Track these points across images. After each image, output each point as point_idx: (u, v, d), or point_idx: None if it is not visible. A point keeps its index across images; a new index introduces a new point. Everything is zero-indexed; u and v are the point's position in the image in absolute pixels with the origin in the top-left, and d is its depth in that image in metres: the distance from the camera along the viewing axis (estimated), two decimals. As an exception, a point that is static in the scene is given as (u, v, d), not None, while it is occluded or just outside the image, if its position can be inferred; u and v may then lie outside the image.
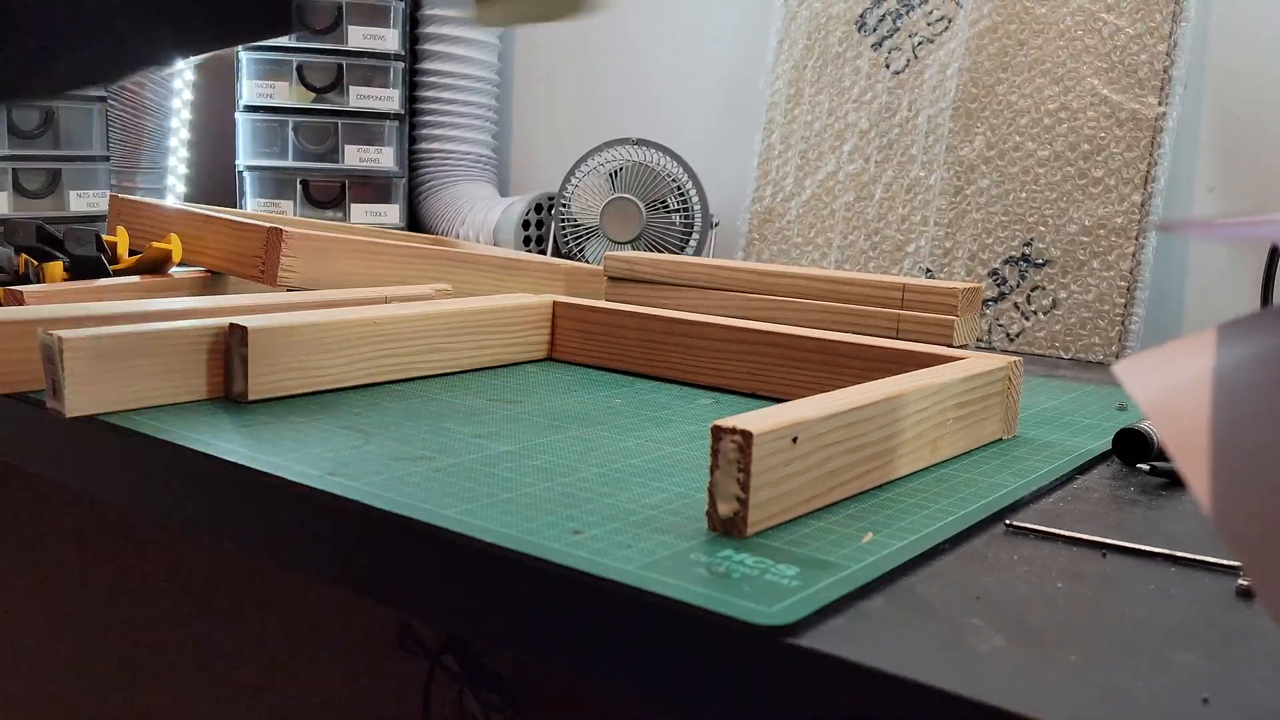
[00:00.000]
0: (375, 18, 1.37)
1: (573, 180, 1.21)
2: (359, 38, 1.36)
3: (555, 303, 0.79)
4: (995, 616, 0.37)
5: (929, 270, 1.02)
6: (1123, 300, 0.92)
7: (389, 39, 1.37)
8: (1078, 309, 0.94)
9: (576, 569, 0.40)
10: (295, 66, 1.35)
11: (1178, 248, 0.99)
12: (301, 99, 1.36)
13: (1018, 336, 0.97)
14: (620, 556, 0.41)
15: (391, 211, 1.41)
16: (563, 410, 0.64)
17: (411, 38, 1.45)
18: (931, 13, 1.05)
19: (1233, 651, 0.35)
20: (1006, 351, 0.94)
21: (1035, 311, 0.96)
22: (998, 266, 0.98)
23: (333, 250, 0.85)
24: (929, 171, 1.03)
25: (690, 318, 0.72)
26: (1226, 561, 0.43)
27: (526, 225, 1.32)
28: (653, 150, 1.19)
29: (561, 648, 0.40)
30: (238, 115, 1.37)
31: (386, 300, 0.77)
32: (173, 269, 0.91)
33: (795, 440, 0.44)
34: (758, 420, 0.43)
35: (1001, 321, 0.97)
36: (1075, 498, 0.52)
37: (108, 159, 1.28)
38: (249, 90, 1.36)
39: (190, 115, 1.42)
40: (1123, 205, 0.93)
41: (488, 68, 1.48)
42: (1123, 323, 0.92)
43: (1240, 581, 0.41)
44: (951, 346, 0.81)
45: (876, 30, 1.08)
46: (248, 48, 1.35)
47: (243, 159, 1.37)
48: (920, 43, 1.06)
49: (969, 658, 0.34)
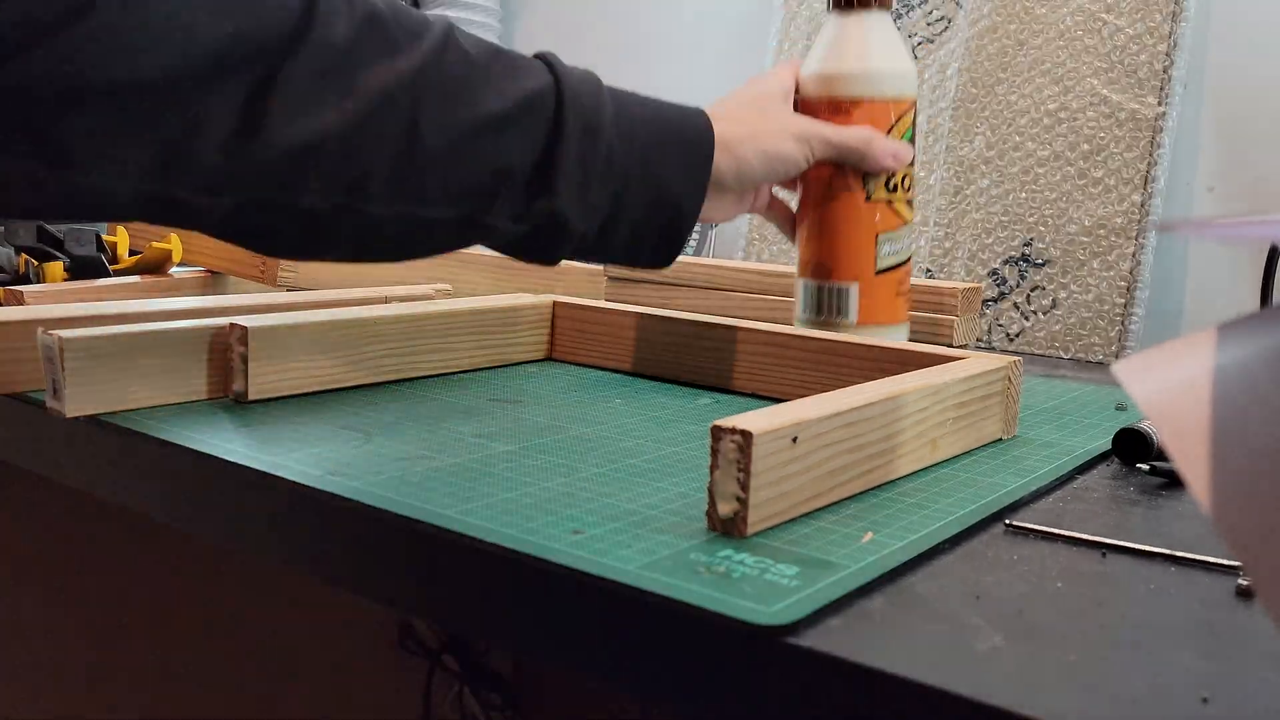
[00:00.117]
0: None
1: (573, 180, 1.21)
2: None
3: (555, 303, 0.79)
4: (995, 616, 0.37)
5: (929, 270, 1.02)
6: (1122, 300, 0.92)
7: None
8: (1077, 309, 0.94)
9: (576, 569, 0.40)
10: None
11: (1178, 248, 0.99)
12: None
13: (1018, 336, 0.97)
14: (620, 556, 0.41)
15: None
16: (563, 410, 0.64)
17: (411, 38, 1.45)
18: (931, 13, 1.06)
19: (1232, 651, 0.35)
20: (1006, 351, 0.94)
21: (1035, 311, 0.96)
22: (997, 266, 0.98)
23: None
24: (929, 171, 1.03)
25: (690, 318, 0.72)
26: (1226, 561, 0.43)
27: (526, 225, 1.32)
28: (653, 150, 1.18)
29: (561, 647, 0.40)
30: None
31: (386, 300, 0.77)
32: (173, 269, 0.91)
33: (795, 440, 0.44)
34: (758, 420, 0.43)
35: (1001, 321, 0.98)
36: (1075, 497, 0.52)
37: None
38: (249, 90, 1.35)
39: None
40: (1122, 205, 0.93)
41: (488, 68, 1.48)
42: (1122, 323, 0.92)
43: (1240, 581, 0.41)
44: (951, 346, 0.81)
45: (876, 30, 1.08)
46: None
47: (243, 159, 1.37)
48: (920, 43, 1.06)
49: (969, 657, 0.34)
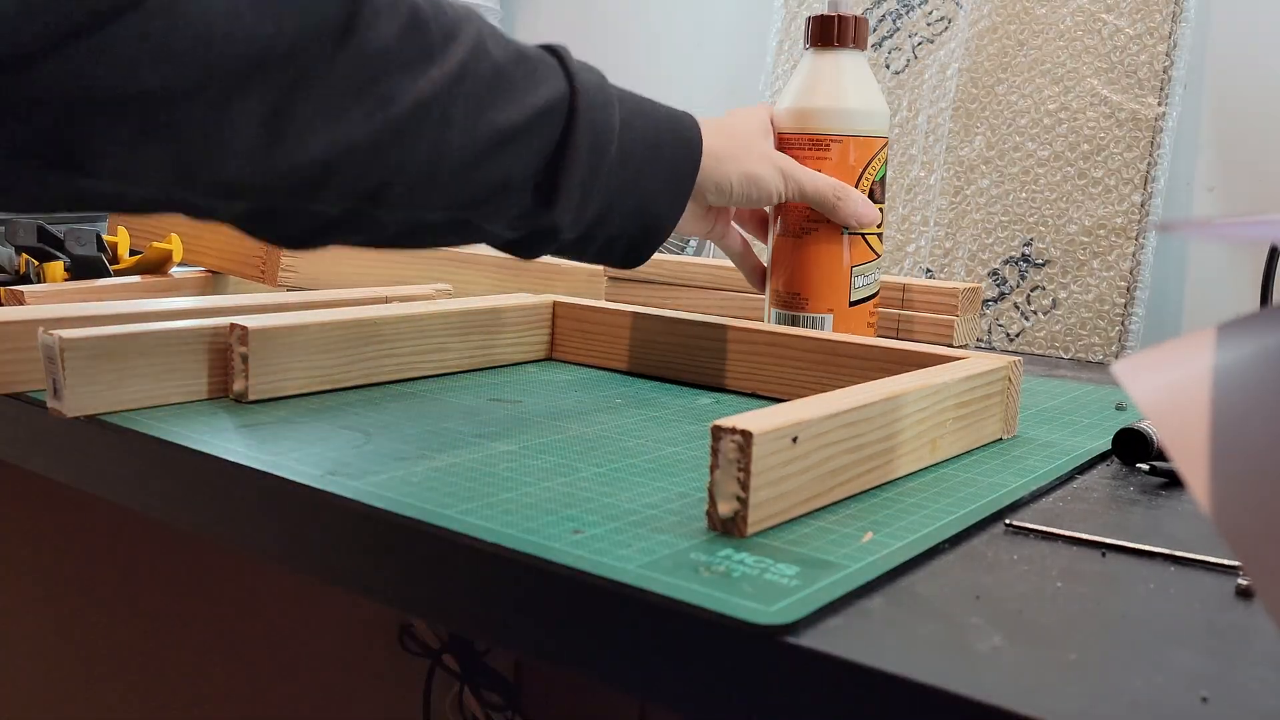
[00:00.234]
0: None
1: (573, 180, 1.20)
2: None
3: (555, 303, 0.79)
4: (995, 616, 0.37)
5: (929, 270, 1.02)
6: (1122, 300, 0.92)
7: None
8: (1078, 309, 0.94)
9: (576, 569, 0.40)
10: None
11: (1177, 248, 0.99)
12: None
13: (1018, 336, 0.97)
14: (620, 556, 0.41)
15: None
16: (563, 410, 0.64)
17: (411, 38, 1.45)
18: (931, 13, 1.06)
19: (1232, 651, 0.35)
20: (1006, 351, 0.94)
21: (1035, 311, 0.96)
22: (998, 266, 0.98)
23: (333, 250, 0.85)
24: (929, 171, 1.03)
25: (690, 318, 0.72)
26: (1226, 561, 0.43)
27: (526, 225, 1.32)
28: (653, 150, 1.18)
29: (561, 647, 0.40)
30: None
31: (386, 300, 0.77)
32: (173, 269, 0.91)
33: (795, 440, 0.44)
34: (758, 420, 0.43)
35: (1001, 321, 0.98)
36: (1075, 497, 0.52)
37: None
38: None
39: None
40: (1122, 205, 0.93)
41: (488, 68, 1.48)
42: (1122, 323, 0.92)
43: (1240, 581, 0.41)
44: (951, 346, 0.81)
45: (876, 30, 1.08)
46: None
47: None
48: (920, 43, 1.06)
49: (969, 657, 0.34)
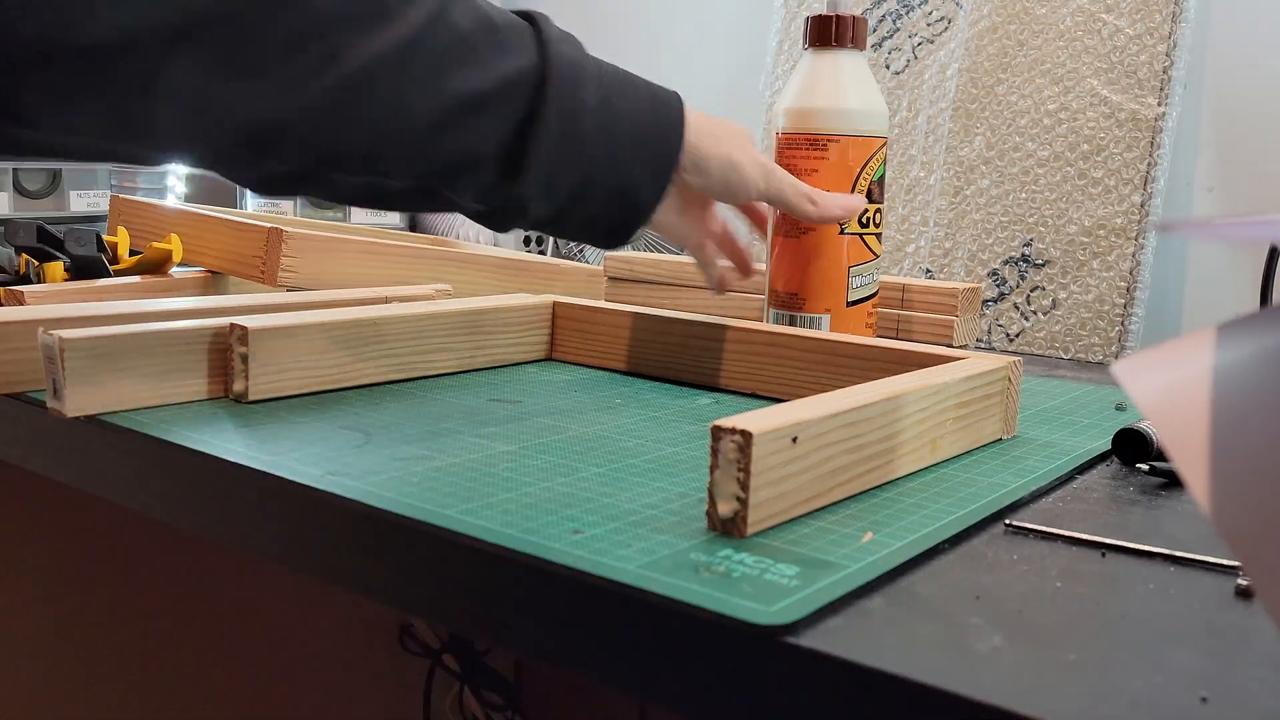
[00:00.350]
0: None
1: (573, 180, 1.20)
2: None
3: (555, 303, 0.79)
4: (995, 616, 0.37)
5: (929, 270, 1.02)
6: (1122, 300, 0.92)
7: (389, 39, 1.37)
8: (1077, 309, 0.94)
9: (576, 569, 0.40)
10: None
11: (1177, 248, 0.99)
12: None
13: (1018, 336, 0.97)
14: (620, 556, 0.41)
15: (392, 212, 1.41)
16: (563, 410, 0.64)
17: (411, 38, 1.45)
18: (931, 13, 1.06)
19: (1232, 651, 0.35)
20: (1006, 351, 0.94)
21: (1035, 312, 0.96)
22: (997, 267, 0.98)
23: (333, 250, 0.85)
24: (929, 172, 1.03)
25: (690, 318, 0.72)
26: (1226, 561, 0.43)
27: (526, 225, 1.32)
28: (653, 150, 1.18)
29: (561, 647, 0.40)
30: (238, 115, 1.37)
31: (386, 300, 0.77)
32: (173, 269, 0.91)
33: (795, 440, 0.44)
34: (758, 420, 0.43)
35: (1001, 321, 0.98)
36: (1075, 497, 0.52)
37: (108, 159, 1.28)
38: (249, 90, 1.35)
39: (190, 115, 1.41)
40: (1122, 205, 0.93)
41: (488, 68, 1.47)
42: (1122, 323, 0.92)
43: (1240, 581, 0.41)
44: (951, 346, 0.81)
45: (876, 30, 1.08)
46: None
47: (243, 159, 1.37)
48: (920, 43, 1.06)
49: (968, 657, 0.34)
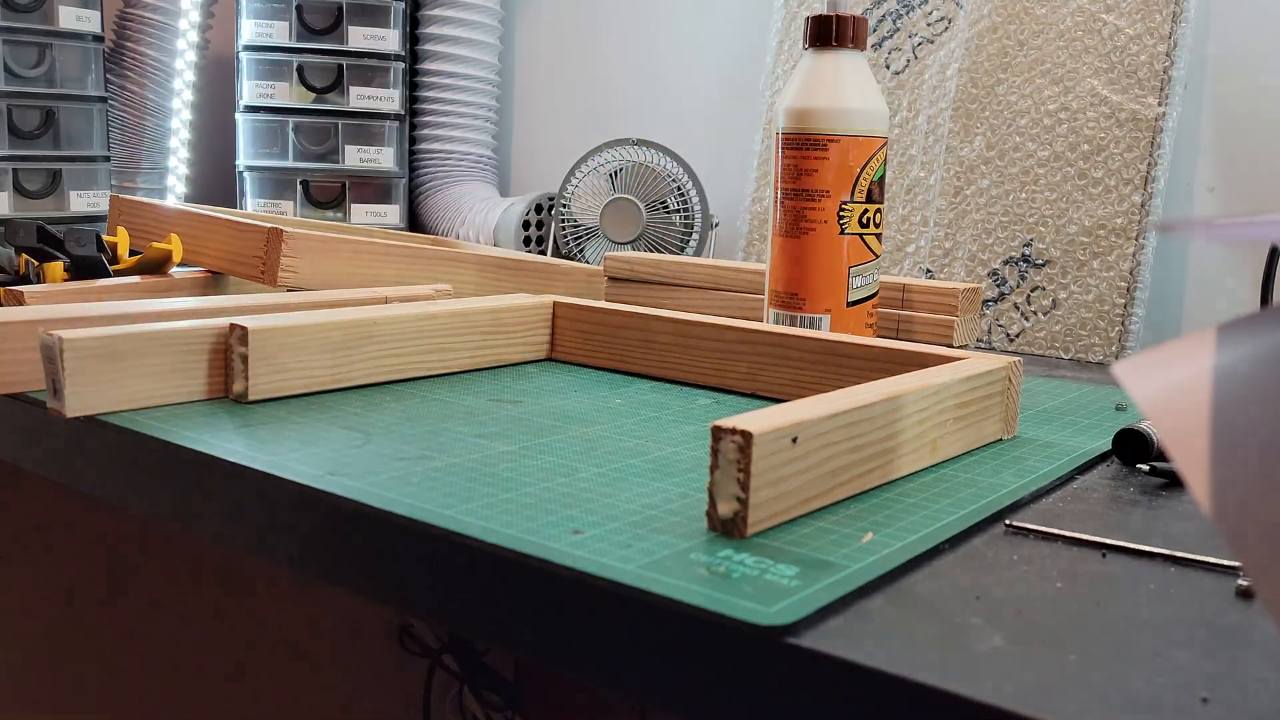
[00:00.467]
0: (375, 18, 1.37)
1: (573, 181, 1.21)
2: (359, 38, 1.36)
3: (555, 303, 0.79)
4: (995, 616, 0.37)
5: (929, 270, 1.02)
6: (1123, 300, 0.92)
7: (389, 39, 1.37)
8: (1078, 309, 0.94)
9: (576, 569, 0.40)
10: (295, 67, 1.35)
11: (1177, 248, 0.99)
12: (302, 99, 1.36)
13: (1018, 336, 0.97)
14: (620, 556, 0.41)
15: (392, 212, 1.41)
16: (563, 410, 0.64)
17: (411, 38, 1.45)
18: (931, 13, 1.06)
19: (1232, 651, 0.35)
20: (1006, 351, 0.94)
21: (1035, 312, 0.96)
22: (997, 267, 0.98)
23: (333, 250, 0.85)
24: (929, 172, 1.03)
25: (690, 318, 0.72)
26: (1226, 561, 0.43)
27: (526, 226, 1.32)
28: (653, 151, 1.19)
29: (561, 648, 0.40)
30: (238, 115, 1.37)
31: (386, 300, 0.77)
32: (173, 269, 0.91)
33: (795, 440, 0.44)
34: (758, 420, 0.43)
35: (1001, 321, 0.98)
36: (1075, 498, 0.52)
37: (108, 159, 1.28)
38: (249, 90, 1.36)
39: (190, 115, 1.42)
40: (1123, 205, 0.93)
41: (488, 68, 1.48)
42: (1123, 323, 0.92)
43: (1240, 581, 0.41)
44: (951, 347, 0.81)
45: (876, 30, 1.08)
46: (247, 48, 1.35)
47: (243, 159, 1.37)
48: (920, 43, 1.06)
49: (969, 657, 0.34)
